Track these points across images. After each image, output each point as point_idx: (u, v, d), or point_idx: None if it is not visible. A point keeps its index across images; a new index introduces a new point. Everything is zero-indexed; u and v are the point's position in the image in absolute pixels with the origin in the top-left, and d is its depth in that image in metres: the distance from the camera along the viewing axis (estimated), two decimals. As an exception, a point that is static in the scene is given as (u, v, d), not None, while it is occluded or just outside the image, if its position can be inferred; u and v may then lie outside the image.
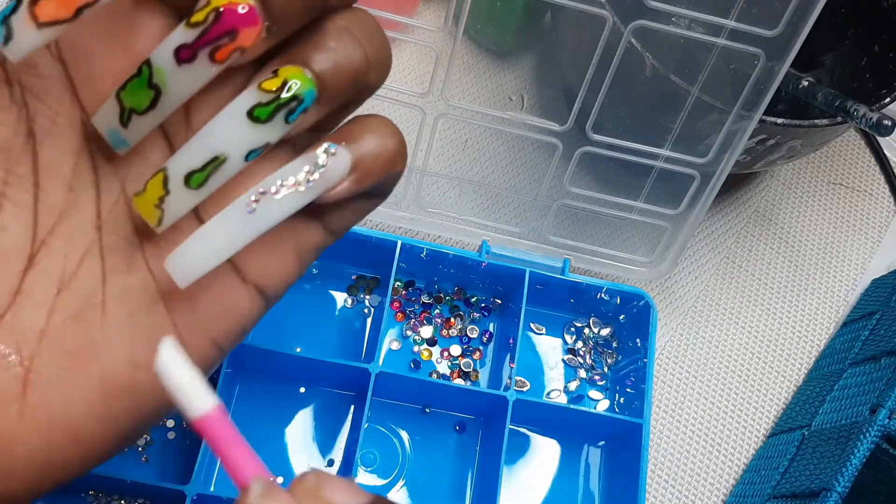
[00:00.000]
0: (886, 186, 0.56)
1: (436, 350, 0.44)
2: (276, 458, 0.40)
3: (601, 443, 0.44)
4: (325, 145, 0.20)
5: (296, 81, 0.19)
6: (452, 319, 0.45)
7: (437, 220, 0.44)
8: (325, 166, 0.20)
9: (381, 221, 0.45)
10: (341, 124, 0.22)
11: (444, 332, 0.45)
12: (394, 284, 0.44)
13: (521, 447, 0.43)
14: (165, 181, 0.20)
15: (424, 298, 0.45)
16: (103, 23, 0.20)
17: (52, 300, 0.20)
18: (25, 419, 0.19)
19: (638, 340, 0.44)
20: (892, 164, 0.56)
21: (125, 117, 0.19)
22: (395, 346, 0.44)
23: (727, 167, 0.39)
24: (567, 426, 0.43)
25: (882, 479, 0.39)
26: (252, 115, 0.19)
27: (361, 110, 0.23)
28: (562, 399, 0.44)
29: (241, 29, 0.18)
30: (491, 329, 0.45)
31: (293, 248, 0.22)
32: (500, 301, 0.46)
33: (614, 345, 0.46)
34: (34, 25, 0.17)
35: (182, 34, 0.18)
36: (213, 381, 0.39)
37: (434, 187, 0.48)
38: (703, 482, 0.45)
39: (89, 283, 0.21)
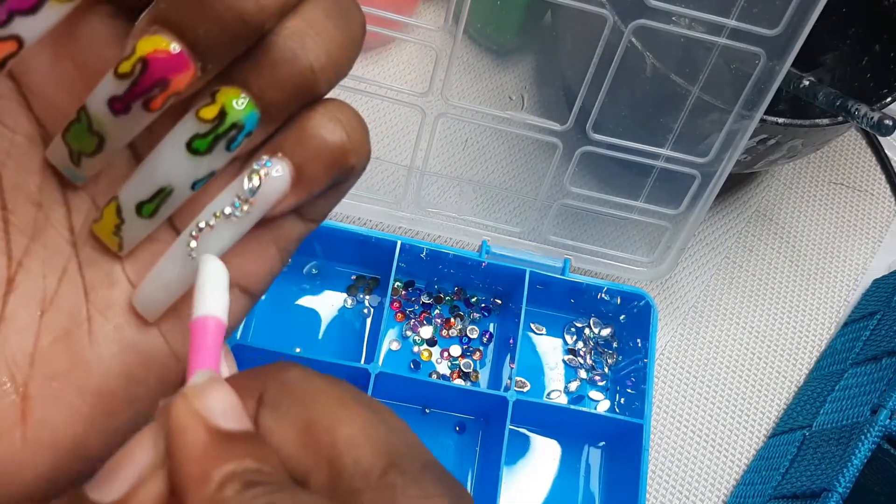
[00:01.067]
0: (887, 186, 0.56)
1: (436, 350, 0.44)
2: (276, 459, 0.40)
3: (601, 443, 0.44)
4: (254, 165, 0.19)
5: (236, 103, 0.18)
6: (452, 319, 0.45)
7: (437, 220, 0.44)
8: (258, 189, 0.19)
9: (381, 221, 0.45)
10: (280, 130, 0.20)
11: (444, 332, 0.45)
12: (394, 284, 0.44)
13: (521, 447, 0.43)
14: (119, 210, 0.20)
15: (424, 298, 0.45)
16: (49, 34, 0.19)
17: (36, 323, 0.20)
18: (29, 444, 0.19)
19: (638, 341, 0.44)
20: (894, 164, 0.56)
21: (75, 158, 0.19)
22: (395, 346, 0.44)
23: (728, 167, 0.39)
24: (567, 426, 0.43)
25: (883, 479, 0.39)
26: (191, 148, 0.18)
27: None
28: (562, 399, 0.44)
29: (173, 76, 0.17)
30: (491, 329, 0.45)
31: (273, 244, 0.22)
32: (500, 301, 0.46)
33: (615, 345, 0.46)
34: None
35: (112, 85, 0.18)
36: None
37: (434, 187, 0.48)
38: (703, 482, 0.45)
39: (72, 301, 0.20)
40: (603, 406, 0.44)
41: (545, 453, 0.43)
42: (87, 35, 0.19)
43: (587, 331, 0.46)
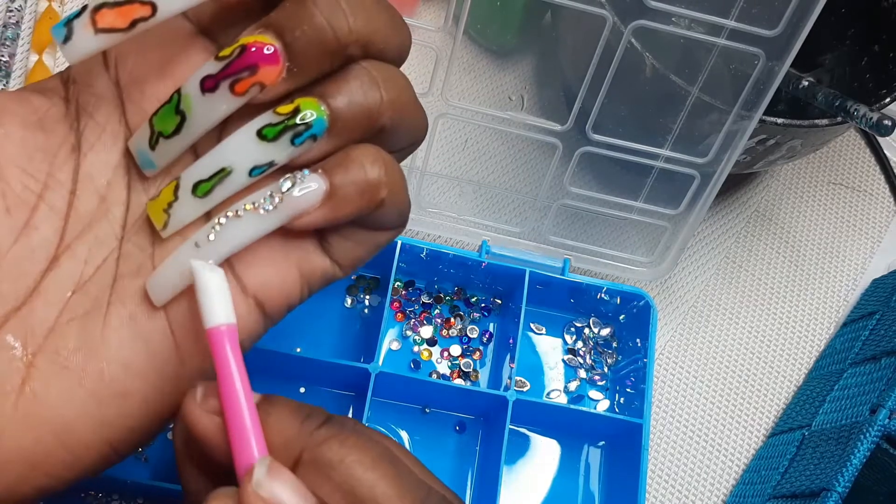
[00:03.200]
0: (886, 186, 0.56)
1: (436, 350, 0.44)
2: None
3: (601, 443, 0.44)
4: (295, 172, 0.21)
5: (311, 106, 0.20)
6: (452, 319, 0.45)
7: (437, 220, 0.44)
8: (291, 190, 0.21)
9: (381, 221, 0.45)
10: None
11: (444, 332, 0.45)
12: (394, 284, 0.44)
13: (521, 447, 0.43)
14: (176, 188, 0.21)
15: (424, 298, 0.45)
16: (159, 54, 0.22)
17: (64, 301, 0.21)
18: (18, 413, 0.20)
19: (638, 340, 0.44)
20: (893, 164, 0.56)
21: (153, 140, 0.21)
22: (395, 346, 0.44)
23: (727, 167, 0.39)
24: (567, 426, 0.43)
25: (882, 479, 0.39)
26: (261, 133, 0.20)
27: None
28: (562, 399, 0.44)
29: (262, 65, 0.20)
30: (491, 329, 0.45)
31: (296, 266, 0.23)
32: (500, 301, 0.46)
33: (614, 345, 0.46)
34: (92, 30, 0.19)
35: (209, 66, 0.20)
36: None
37: (434, 187, 0.48)
38: (703, 482, 0.45)
39: (99, 288, 0.22)
40: (602, 406, 0.44)
41: (545, 453, 0.43)
42: (188, 62, 0.22)
43: (587, 330, 0.46)
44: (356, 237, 0.23)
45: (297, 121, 0.20)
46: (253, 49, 0.20)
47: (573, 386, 0.45)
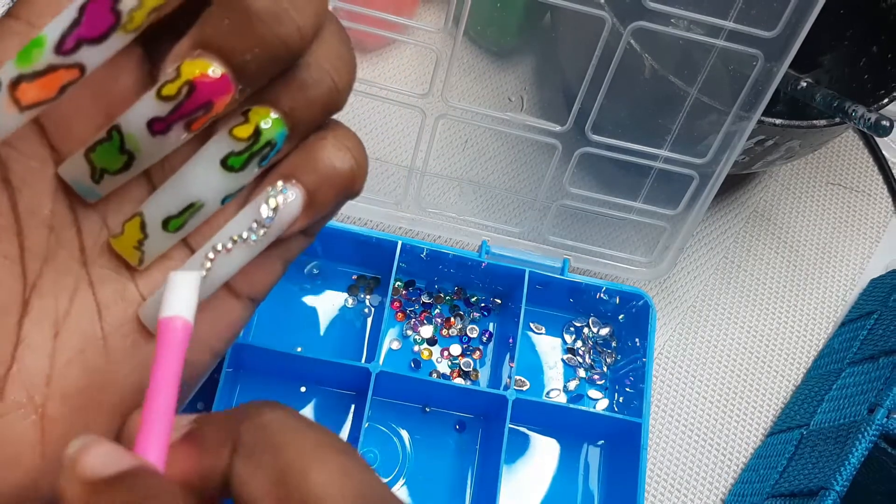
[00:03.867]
0: (885, 187, 0.56)
1: (436, 350, 0.44)
2: (277, 458, 0.40)
3: (601, 442, 0.44)
4: (270, 191, 0.20)
5: (266, 122, 0.19)
6: (452, 319, 0.45)
7: (437, 221, 0.44)
8: (275, 215, 0.20)
9: (381, 221, 0.45)
10: (291, 154, 0.21)
11: (444, 331, 0.45)
12: (394, 284, 0.44)
13: (520, 447, 0.43)
14: (143, 226, 0.20)
15: (424, 298, 0.45)
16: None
17: (51, 343, 0.20)
18: (48, 461, 0.20)
19: (637, 340, 0.44)
20: (891, 165, 0.56)
21: (97, 176, 0.19)
22: (396, 345, 0.44)
23: (726, 168, 0.39)
24: (567, 425, 0.43)
25: (880, 478, 0.39)
26: (226, 165, 0.19)
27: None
28: (561, 398, 0.44)
29: (217, 100, 0.18)
30: (491, 329, 0.45)
31: (279, 259, 0.23)
32: (499, 301, 0.46)
33: (613, 344, 0.46)
34: (16, 109, 0.17)
35: (154, 106, 0.18)
36: (214, 380, 0.39)
37: (434, 187, 0.48)
38: (702, 481, 0.45)
39: (85, 321, 0.21)
40: (602, 405, 0.44)
41: (544, 452, 0.43)
42: (107, 65, 0.19)
43: (586, 330, 0.46)
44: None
45: (262, 144, 0.19)
46: (203, 85, 0.18)
47: (573, 385, 0.45)
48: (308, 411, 0.42)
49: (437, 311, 0.45)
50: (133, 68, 0.20)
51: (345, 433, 0.42)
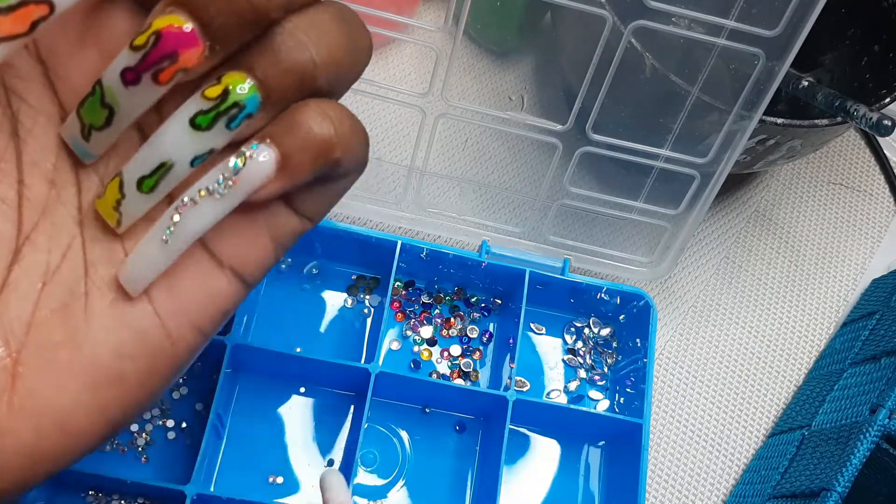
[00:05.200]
0: (886, 186, 0.56)
1: (436, 350, 0.44)
2: (277, 458, 0.40)
3: (601, 443, 0.44)
4: (242, 148, 0.20)
5: (240, 87, 0.19)
6: (452, 319, 0.45)
7: (437, 220, 0.44)
8: (242, 170, 0.20)
9: (381, 221, 0.45)
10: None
11: (444, 332, 0.45)
12: (394, 284, 0.44)
13: (521, 447, 0.43)
14: (121, 186, 0.21)
15: (424, 298, 0.45)
16: (76, 23, 0.20)
17: (37, 293, 0.21)
18: (14, 411, 0.20)
19: (638, 340, 0.44)
20: (892, 164, 0.56)
21: (86, 132, 0.20)
22: (395, 346, 0.44)
23: (727, 167, 0.39)
24: (567, 426, 0.43)
25: (882, 479, 0.39)
26: (194, 123, 0.20)
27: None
28: (562, 399, 0.44)
29: (182, 51, 0.19)
30: (491, 329, 0.45)
31: (266, 232, 0.23)
32: (500, 301, 0.46)
33: (614, 345, 0.46)
34: None
35: (126, 57, 0.19)
36: (213, 380, 0.39)
37: (434, 187, 0.48)
38: (703, 482, 0.45)
39: (72, 276, 0.21)
40: (602, 406, 0.44)
41: (545, 453, 0.43)
42: (110, 26, 0.21)
43: (587, 330, 0.46)
44: (318, 190, 0.23)
45: (229, 104, 0.19)
46: (168, 35, 0.18)
47: (573, 386, 0.45)
48: (307, 412, 0.42)
49: (437, 311, 0.45)
50: (131, 21, 0.20)
51: (344, 434, 0.41)
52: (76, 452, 0.21)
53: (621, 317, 0.46)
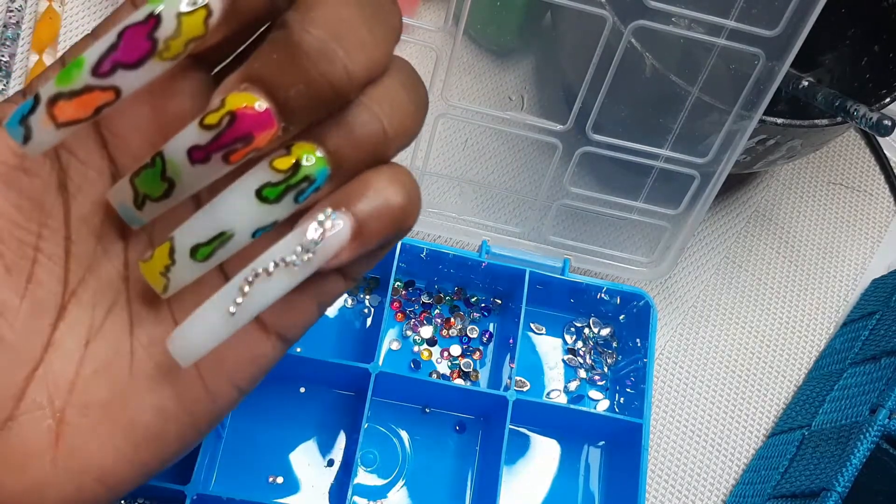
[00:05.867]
0: (886, 186, 0.56)
1: (436, 350, 0.44)
2: (276, 458, 0.40)
3: (601, 443, 0.44)
4: (319, 216, 0.19)
5: (308, 159, 0.19)
6: (452, 319, 0.45)
7: (437, 220, 0.44)
8: (321, 241, 0.19)
9: (381, 221, 0.45)
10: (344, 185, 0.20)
11: (444, 332, 0.45)
12: (394, 284, 0.44)
13: (521, 447, 0.43)
14: (172, 251, 0.20)
15: (424, 298, 0.45)
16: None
17: (81, 351, 0.20)
18: (58, 468, 0.20)
19: (638, 340, 0.44)
20: (892, 164, 0.56)
21: (139, 201, 0.19)
22: (395, 346, 0.44)
23: (727, 167, 0.39)
24: (567, 426, 0.43)
25: (882, 479, 0.39)
26: (261, 195, 0.19)
27: None
28: (562, 399, 0.44)
29: (258, 134, 0.18)
30: (491, 329, 0.45)
31: (314, 297, 0.22)
32: (500, 301, 0.46)
33: (614, 345, 0.46)
34: (52, 126, 0.17)
35: (195, 134, 0.18)
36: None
37: (434, 187, 0.48)
38: (703, 482, 0.45)
39: (117, 335, 0.21)
40: (602, 406, 0.44)
41: (545, 453, 0.43)
42: (167, 85, 0.20)
43: (587, 330, 0.46)
44: (372, 253, 0.22)
45: (300, 178, 0.19)
46: (244, 117, 0.18)
47: (573, 386, 0.45)
48: (307, 412, 0.42)
49: (436, 311, 0.45)
50: (194, 93, 0.20)
51: (344, 434, 0.41)
52: (113, 498, 0.21)
53: (621, 317, 0.46)
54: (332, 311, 0.44)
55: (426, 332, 0.44)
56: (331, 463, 0.41)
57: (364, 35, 0.18)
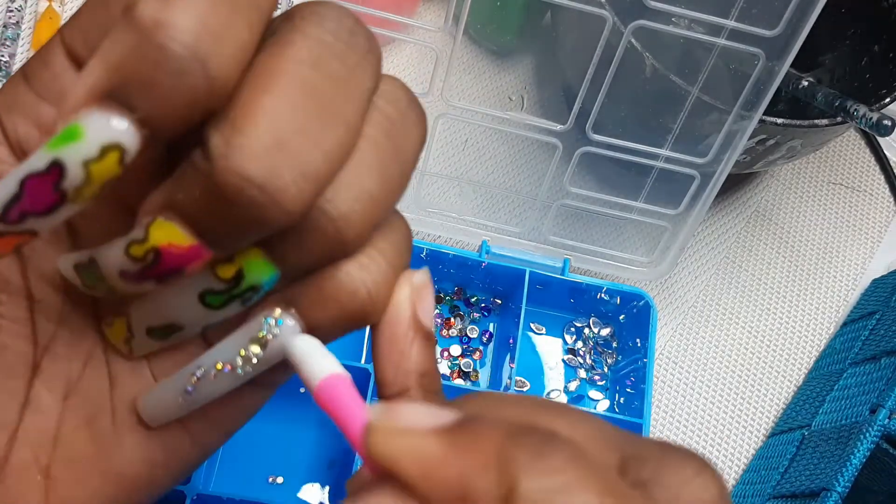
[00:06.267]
0: (886, 186, 0.56)
1: (436, 350, 0.44)
2: (276, 458, 0.40)
3: (601, 443, 0.44)
4: (264, 322, 0.18)
5: (253, 266, 0.17)
6: (452, 319, 0.45)
7: (437, 220, 0.44)
8: (267, 347, 0.18)
9: (381, 221, 0.45)
10: (296, 283, 0.18)
11: (444, 332, 0.45)
12: (394, 284, 0.44)
13: (521, 447, 0.43)
14: (129, 327, 0.19)
15: (424, 298, 0.45)
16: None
17: (60, 406, 0.20)
18: None
19: (638, 340, 0.44)
20: (892, 164, 0.56)
21: (87, 288, 0.18)
22: (395, 346, 0.44)
23: (727, 167, 0.39)
24: (567, 426, 0.43)
25: (882, 479, 0.39)
26: (204, 300, 0.18)
27: None
28: (562, 399, 0.44)
29: (188, 266, 0.16)
30: (491, 329, 0.45)
31: (267, 387, 0.22)
32: (500, 301, 0.46)
33: (614, 345, 0.46)
34: None
35: (122, 260, 0.16)
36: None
37: (434, 187, 0.48)
38: (703, 482, 0.45)
39: (96, 388, 0.20)
40: (602, 405, 0.44)
41: (545, 453, 0.43)
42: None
43: (587, 330, 0.46)
44: None
45: (244, 289, 0.17)
46: (170, 255, 0.16)
47: (573, 386, 0.45)
48: (308, 412, 0.42)
49: (436, 311, 0.45)
50: (152, 157, 0.18)
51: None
52: None
53: (621, 317, 0.46)
54: (332, 311, 0.44)
55: (426, 332, 0.44)
56: (331, 463, 0.41)
57: (306, 152, 0.15)
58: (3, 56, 0.45)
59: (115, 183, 0.15)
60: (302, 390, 0.42)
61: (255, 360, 0.18)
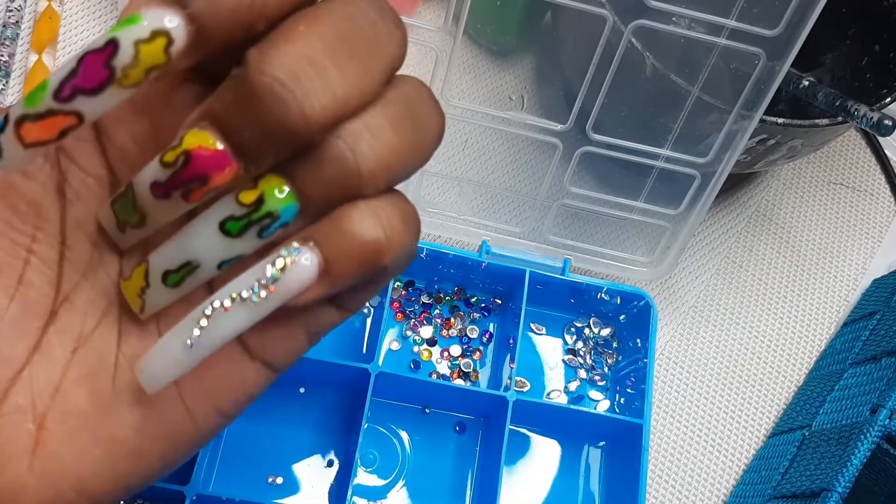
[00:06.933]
0: (887, 186, 0.56)
1: (436, 350, 0.44)
2: (276, 458, 0.40)
3: (601, 443, 0.44)
4: (282, 252, 0.18)
5: (277, 192, 0.18)
6: (452, 319, 0.45)
7: (437, 220, 0.44)
8: (281, 277, 0.18)
9: (381, 221, 0.45)
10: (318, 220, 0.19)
11: (444, 332, 0.45)
12: (394, 284, 0.44)
13: (521, 447, 0.43)
14: (146, 274, 0.20)
15: (424, 298, 0.45)
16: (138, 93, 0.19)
17: (68, 358, 0.20)
18: (35, 472, 0.20)
19: (638, 340, 0.44)
20: (893, 164, 0.56)
21: (120, 226, 0.20)
22: (395, 346, 0.44)
23: (728, 167, 0.39)
24: (567, 426, 0.43)
25: (883, 479, 0.39)
26: (224, 228, 0.18)
27: None
28: (562, 399, 0.44)
29: (213, 174, 0.17)
30: (491, 329, 0.45)
31: (303, 328, 0.21)
32: (500, 301, 0.46)
33: (614, 345, 0.46)
34: (21, 146, 0.17)
35: (155, 170, 0.18)
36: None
37: (434, 187, 0.48)
38: (703, 482, 0.45)
39: (104, 345, 0.21)
40: (603, 406, 0.44)
41: (545, 453, 0.43)
42: (164, 97, 0.20)
43: (587, 331, 0.46)
44: (363, 287, 0.21)
45: (262, 214, 0.18)
46: (198, 157, 0.17)
47: (573, 386, 0.45)
48: (307, 412, 0.41)
49: (436, 311, 0.45)
50: (190, 106, 0.19)
51: (344, 434, 0.41)
52: None
53: (621, 317, 0.46)
54: (331, 312, 0.44)
55: (426, 332, 0.44)
56: (330, 463, 0.41)
57: (331, 75, 0.17)
58: (2, 56, 0.45)
59: (164, 71, 0.17)
60: (302, 390, 0.42)
61: (269, 289, 0.18)
